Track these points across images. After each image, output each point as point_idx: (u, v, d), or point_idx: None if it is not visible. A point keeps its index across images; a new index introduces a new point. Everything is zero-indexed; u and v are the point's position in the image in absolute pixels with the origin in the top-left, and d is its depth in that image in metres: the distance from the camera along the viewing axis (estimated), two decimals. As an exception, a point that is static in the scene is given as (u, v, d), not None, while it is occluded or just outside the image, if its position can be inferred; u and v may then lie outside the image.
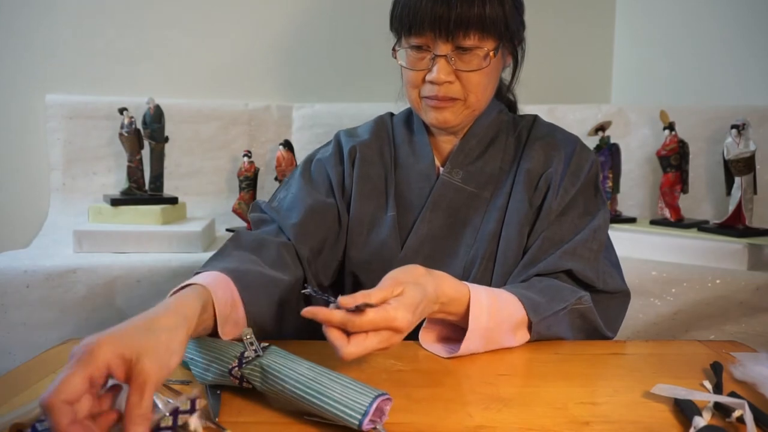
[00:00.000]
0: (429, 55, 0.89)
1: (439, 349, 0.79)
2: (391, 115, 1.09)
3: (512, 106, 1.08)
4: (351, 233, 0.96)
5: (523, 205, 0.92)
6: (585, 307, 0.86)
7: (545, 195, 0.92)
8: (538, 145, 0.96)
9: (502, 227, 0.92)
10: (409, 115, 1.05)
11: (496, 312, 0.77)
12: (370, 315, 0.63)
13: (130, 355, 0.51)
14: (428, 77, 0.90)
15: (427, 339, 0.81)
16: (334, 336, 0.63)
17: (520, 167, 0.95)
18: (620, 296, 0.95)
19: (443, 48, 0.88)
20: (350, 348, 0.63)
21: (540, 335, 0.83)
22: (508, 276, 0.91)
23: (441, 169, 0.98)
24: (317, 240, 0.93)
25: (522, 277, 0.90)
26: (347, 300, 0.64)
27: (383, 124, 1.06)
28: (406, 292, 0.68)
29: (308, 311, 0.64)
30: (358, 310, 0.63)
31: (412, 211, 0.96)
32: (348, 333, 0.64)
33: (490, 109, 0.99)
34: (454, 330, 0.81)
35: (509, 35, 0.91)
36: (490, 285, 0.90)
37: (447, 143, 0.99)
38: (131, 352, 0.51)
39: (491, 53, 0.89)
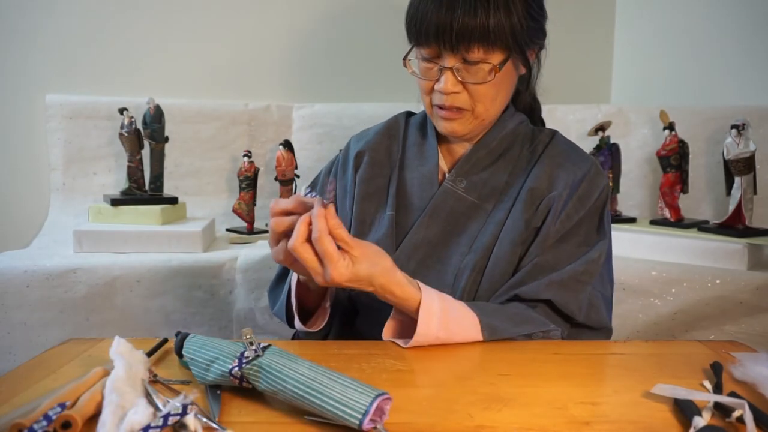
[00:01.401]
0: (437, 65, 0.89)
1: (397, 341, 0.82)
2: (409, 114, 1.09)
3: (534, 111, 1.06)
4: (353, 233, 0.96)
5: (520, 224, 0.91)
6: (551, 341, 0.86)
7: (544, 219, 0.91)
8: (547, 164, 0.95)
9: (496, 242, 0.92)
10: (424, 117, 1.05)
11: (446, 324, 0.79)
12: (330, 247, 0.72)
13: None
14: (436, 87, 0.90)
15: (387, 334, 0.84)
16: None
17: (525, 185, 0.94)
18: (602, 332, 0.93)
19: (450, 60, 0.88)
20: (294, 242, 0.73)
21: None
22: (494, 291, 0.90)
23: (447, 175, 0.97)
24: None
25: (504, 298, 0.89)
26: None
27: (396, 123, 1.06)
28: (359, 265, 0.75)
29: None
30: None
31: (412, 213, 0.96)
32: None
33: (508, 119, 0.98)
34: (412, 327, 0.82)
35: (519, 46, 0.89)
36: (475, 297, 0.90)
37: (459, 147, 0.99)
38: None
39: (496, 67, 0.88)
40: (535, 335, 0.85)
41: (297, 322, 0.90)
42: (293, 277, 0.90)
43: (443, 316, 0.79)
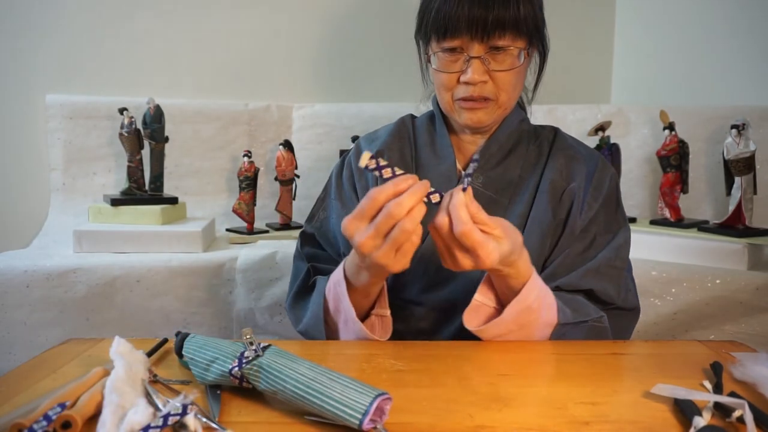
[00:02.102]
0: (462, 57, 0.90)
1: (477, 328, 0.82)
2: (413, 117, 1.10)
3: (521, 105, 1.09)
4: None
5: (547, 216, 0.94)
6: (602, 327, 0.90)
7: (569, 211, 0.95)
8: (562, 157, 0.98)
9: (522, 235, 0.93)
10: (431, 117, 1.06)
11: (541, 298, 0.82)
12: (479, 236, 0.70)
13: None
14: (463, 78, 0.91)
15: (472, 324, 0.83)
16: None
17: (544, 177, 0.97)
18: (634, 313, 0.98)
19: (478, 49, 0.89)
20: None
21: (555, 339, 0.86)
22: None
23: (463, 172, 0.99)
24: None
25: None
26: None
27: (404, 125, 1.07)
28: (503, 243, 0.74)
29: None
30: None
31: (434, 211, 0.97)
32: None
33: (513, 116, 1.00)
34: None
35: (538, 34, 0.94)
36: None
37: (471, 144, 1.01)
38: None
39: (525, 52, 0.91)
40: (590, 322, 0.88)
41: (366, 332, 0.84)
42: (334, 287, 0.87)
43: (542, 288, 0.83)
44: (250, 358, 0.63)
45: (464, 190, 0.71)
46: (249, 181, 1.74)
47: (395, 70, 2.03)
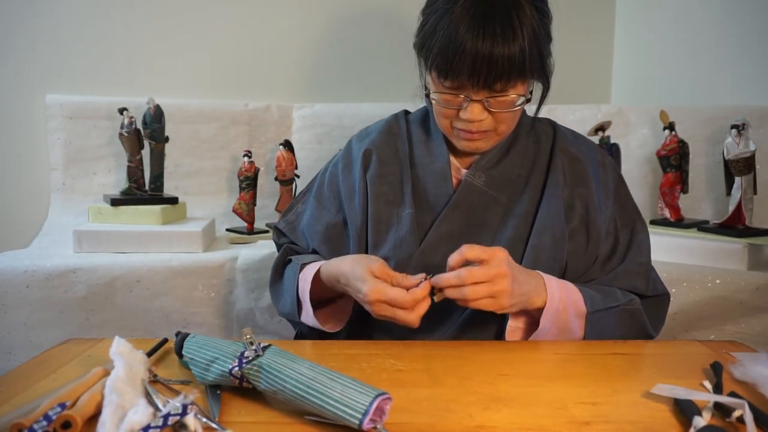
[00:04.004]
0: (463, 96, 0.89)
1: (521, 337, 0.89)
2: (406, 112, 1.10)
3: None
4: (371, 233, 0.97)
5: (559, 222, 0.93)
6: (635, 309, 0.92)
7: (586, 216, 0.95)
8: (565, 159, 0.99)
9: (529, 234, 0.94)
10: (425, 115, 1.06)
11: (564, 297, 0.86)
12: (479, 271, 0.78)
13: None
14: (462, 115, 0.90)
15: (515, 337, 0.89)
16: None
17: (550, 181, 0.96)
18: (663, 298, 1.00)
19: (479, 94, 0.88)
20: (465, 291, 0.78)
21: (591, 328, 0.88)
22: None
23: (464, 171, 0.98)
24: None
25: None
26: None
27: (396, 122, 1.06)
28: (504, 278, 0.79)
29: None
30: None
31: (429, 209, 0.97)
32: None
33: None
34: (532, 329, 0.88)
35: (543, 73, 0.92)
36: None
37: None
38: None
39: (526, 95, 0.91)
40: (621, 306, 0.90)
41: (313, 320, 0.92)
42: (302, 283, 0.92)
43: (560, 287, 0.87)
44: (250, 358, 0.63)
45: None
46: (249, 181, 1.74)
47: (395, 70, 2.03)
